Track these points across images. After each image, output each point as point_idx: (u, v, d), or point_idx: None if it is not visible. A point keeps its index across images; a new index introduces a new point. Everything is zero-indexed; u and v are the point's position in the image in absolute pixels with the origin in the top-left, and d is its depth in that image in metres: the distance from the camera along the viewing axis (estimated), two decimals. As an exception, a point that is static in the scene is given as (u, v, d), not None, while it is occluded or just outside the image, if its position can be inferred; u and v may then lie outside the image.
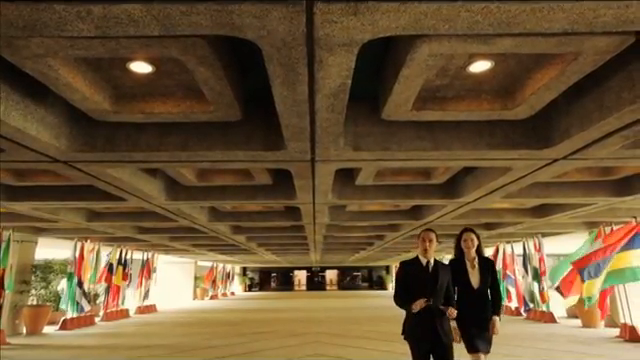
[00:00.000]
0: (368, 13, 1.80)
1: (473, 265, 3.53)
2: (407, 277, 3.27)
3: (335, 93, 2.59)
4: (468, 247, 3.56)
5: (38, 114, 3.23)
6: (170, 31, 1.93)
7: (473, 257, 3.56)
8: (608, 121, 3.10)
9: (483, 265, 3.54)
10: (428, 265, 3.25)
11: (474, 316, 3.43)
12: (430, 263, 3.26)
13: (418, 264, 3.29)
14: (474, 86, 3.28)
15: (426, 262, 3.27)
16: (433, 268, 3.24)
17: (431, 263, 3.26)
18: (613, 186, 6.09)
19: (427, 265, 3.26)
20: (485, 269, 3.53)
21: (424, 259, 3.28)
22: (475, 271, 3.51)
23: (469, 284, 3.47)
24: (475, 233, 3.60)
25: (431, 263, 3.26)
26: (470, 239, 3.56)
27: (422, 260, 3.28)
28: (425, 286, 3.17)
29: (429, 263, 3.26)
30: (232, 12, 1.78)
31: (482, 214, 8.40)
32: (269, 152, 3.77)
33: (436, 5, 1.75)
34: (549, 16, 1.85)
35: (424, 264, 3.26)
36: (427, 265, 3.26)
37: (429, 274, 3.22)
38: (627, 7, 1.79)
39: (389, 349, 7.21)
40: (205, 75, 2.67)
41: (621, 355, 6.72)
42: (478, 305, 3.46)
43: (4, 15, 1.76)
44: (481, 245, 3.62)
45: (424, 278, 3.20)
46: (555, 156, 4.07)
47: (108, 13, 1.77)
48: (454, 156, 4.03)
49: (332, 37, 1.98)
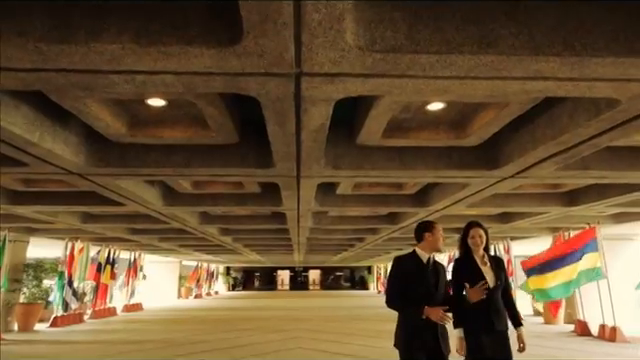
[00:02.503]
0: (340, 83, 2.45)
1: (484, 262, 3.11)
2: (405, 276, 2.83)
3: (317, 130, 3.24)
4: (477, 244, 3.12)
5: (63, 136, 3.78)
6: (191, 90, 2.54)
7: (482, 255, 3.15)
8: (538, 151, 3.83)
9: (494, 263, 3.15)
10: (429, 262, 2.86)
11: (487, 322, 2.96)
12: (431, 260, 2.88)
13: (417, 260, 2.86)
14: (432, 119, 3.96)
15: (427, 258, 2.86)
16: (433, 266, 2.88)
17: (431, 260, 2.89)
18: (562, 198, 6.90)
19: (428, 262, 2.86)
20: (498, 268, 3.13)
21: (426, 255, 2.86)
22: (488, 268, 3.08)
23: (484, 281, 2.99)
24: (483, 228, 3.18)
25: (431, 260, 2.89)
26: (479, 235, 3.13)
27: (423, 257, 2.86)
28: (429, 286, 2.80)
29: (430, 260, 2.87)
30: (241, 80, 2.41)
31: (453, 219, 9.15)
32: (260, 170, 4.40)
33: (389, 80, 2.41)
34: (472, 87, 2.54)
35: (425, 261, 2.85)
36: (428, 262, 2.86)
37: (432, 273, 2.84)
38: (524, 84, 2.48)
39: (366, 344, 7.91)
40: (211, 112, 3.28)
41: (566, 346, 7.59)
42: (494, 308, 3.00)
43: (69, 79, 2.35)
44: (489, 242, 3.21)
45: (428, 277, 2.80)
46: (503, 175, 4.80)
47: (147, 80, 2.37)
48: (419, 175, 4.73)
49: (314, 95, 2.62)
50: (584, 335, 9.14)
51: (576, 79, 2.42)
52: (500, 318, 3.03)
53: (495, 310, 3.02)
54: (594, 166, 4.52)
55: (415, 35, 2.12)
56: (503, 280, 3.10)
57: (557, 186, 6.52)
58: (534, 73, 2.35)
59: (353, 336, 9.07)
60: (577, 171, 4.62)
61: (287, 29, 1.92)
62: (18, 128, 3.18)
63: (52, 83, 2.41)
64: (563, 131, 3.39)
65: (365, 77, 2.38)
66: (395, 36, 2.11)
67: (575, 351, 7.26)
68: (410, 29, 2.12)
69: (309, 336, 9.08)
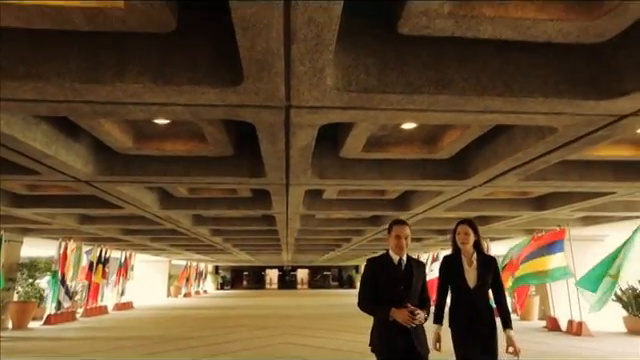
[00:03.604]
0: (323, 113, 2.92)
1: (470, 262, 3.04)
2: (376, 277, 2.77)
3: (304, 148, 3.70)
4: (463, 242, 3.07)
5: (75, 148, 4.18)
6: (196, 117, 2.98)
7: (471, 253, 3.07)
8: (499, 165, 4.35)
9: (483, 263, 3.05)
10: (401, 263, 2.77)
11: (468, 323, 2.95)
12: (403, 261, 2.78)
13: (389, 262, 2.79)
14: (407, 136, 4.46)
15: (398, 259, 2.77)
16: (406, 266, 2.77)
17: (404, 261, 2.78)
18: (532, 203, 7.49)
19: (400, 263, 2.77)
20: (485, 268, 3.03)
21: (396, 256, 2.78)
22: (472, 269, 3.02)
23: (464, 282, 2.99)
24: (472, 226, 3.10)
25: (404, 261, 2.78)
26: (464, 232, 3.07)
27: (394, 257, 2.78)
28: (397, 287, 2.71)
29: (402, 261, 2.77)
30: (239, 110, 2.86)
31: (433, 222, 9.70)
32: (253, 179, 4.85)
33: (363, 112, 2.89)
34: (434, 117, 3.03)
35: (396, 262, 2.77)
36: (400, 263, 2.77)
37: (402, 273, 2.74)
38: (477, 116, 2.98)
39: (350, 339, 8.40)
40: (210, 130, 3.72)
41: (533, 339, 8.19)
42: (474, 309, 2.97)
43: (94, 109, 2.77)
44: (480, 240, 3.12)
45: (396, 278, 2.73)
46: (473, 184, 5.33)
47: (161, 109, 2.81)
48: (396, 184, 5.23)
49: (301, 122, 3.09)
50: (554, 330, 9.78)
51: (518, 113, 2.94)
52: (481, 320, 2.95)
53: (476, 312, 2.96)
54: (551, 177, 5.08)
55: (384, 78, 2.60)
56: (489, 281, 3.00)
57: (526, 193, 7.09)
58: (483, 108, 2.86)
59: (338, 332, 9.57)
60: (537, 181, 5.17)
61: (279, 76, 2.38)
62: (38, 143, 3.59)
63: (78, 111, 2.84)
64: (518, 149, 3.92)
65: (343, 109, 2.86)
66: (368, 79, 2.59)
67: (540, 344, 7.85)
68: (380, 73, 2.60)
69: (296, 332, 9.55)
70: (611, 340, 8.38)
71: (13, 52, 2.39)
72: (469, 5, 2.19)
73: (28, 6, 1.98)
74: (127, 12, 2.07)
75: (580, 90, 2.69)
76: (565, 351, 7.19)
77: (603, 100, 2.70)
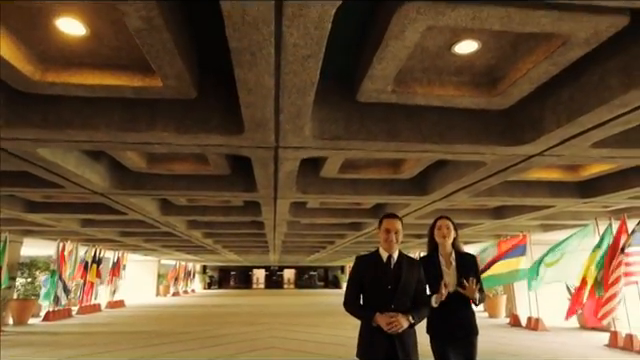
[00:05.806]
0: (303, 150, 3.80)
1: (449, 262, 2.92)
2: (362, 276, 2.61)
3: (289, 172, 4.58)
4: (443, 236, 2.94)
5: (96, 167, 4.98)
6: (206, 152, 3.84)
7: (449, 252, 2.96)
8: (450, 185, 5.29)
9: (463, 264, 2.91)
10: (390, 261, 2.59)
11: (449, 329, 2.81)
12: (393, 258, 2.60)
13: (377, 260, 2.62)
14: (375, 161, 5.36)
15: (387, 257, 2.60)
16: (396, 264, 2.58)
17: (394, 258, 2.60)
18: (491, 212, 8.49)
19: (389, 261, 2.59)
20: (466, 268, 2.89)
21: (385, 253, 2.61)
22: (451, 270, 2.88)
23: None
24: (452, 222, 3.01)
25: (394, 258, 2.60)
26: (445, 226, 2.96)
27: (383, 255, 2.61)
28: (384, 287, 2.52)
29: (391, 258, 2.60)
30: (239, 149, 3.72)
31: (407, 227, 10.69)
32: (246, 193, 5.70)
33: (335, 151, 3.78)
34: (385, 155, 3.94)
35: (385, 259, 2.60)
36: (389, 261, 2.59)
37: (390, 272, 2.55)
38: (421, 155, 3.90)
39: (333, 333, 9.30)
40: (214, 157, 4.57)
41: (495, 334, 9.20)
42: (453, 314, 2.81)
43: (126, 147, 3.60)
44: (458, 239, 3.00)
45: (383, 277, 2.54)
46: (433, 199, 6.26)
47: (178, 148, 3.65)
48: (369, 199, 6.13)
49: (287, 157, 3.97)
50: (516, 326, 10.85)
51: (452, 153, 3.86)
52: (462, 324, 2.84)
53: (455, 317, 2.83)
54: (498, 194, 6.05)
55: (349, 128, 3.49)
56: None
57: (484, 204, 8.07)
58: (425, 150, 3.77)
59: (322, 327, 10.46)
60: (486, 197, 6.14)
61: (270, 130, 3.26)
62: (72, 166, 4.39)
63: (115, 148, 3.67)
64: (462, 175, 4.86)
65: (319, 149, 3.75)
66: (337, 129, 3.47)
67: (499, 337, 8.86)
68: (346, 125, 3.49)
69: (282, 327, 10.41)
70: (564, 334, 9.44)
71: (72, 108, 3.21)
72: (406, 84, 3.09)
73: (96, 86, 2.81)
74: (163, 88, 2.91)
75: (495, 139, 3.62)
76: (517, 343, 8.20)
77: (512, 146, 3.65)
